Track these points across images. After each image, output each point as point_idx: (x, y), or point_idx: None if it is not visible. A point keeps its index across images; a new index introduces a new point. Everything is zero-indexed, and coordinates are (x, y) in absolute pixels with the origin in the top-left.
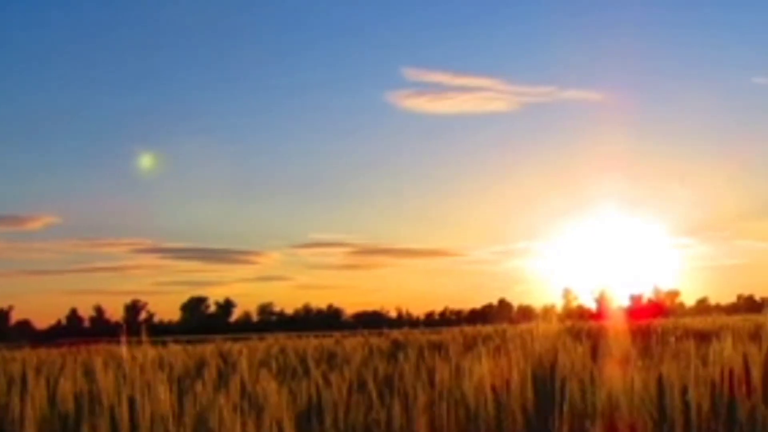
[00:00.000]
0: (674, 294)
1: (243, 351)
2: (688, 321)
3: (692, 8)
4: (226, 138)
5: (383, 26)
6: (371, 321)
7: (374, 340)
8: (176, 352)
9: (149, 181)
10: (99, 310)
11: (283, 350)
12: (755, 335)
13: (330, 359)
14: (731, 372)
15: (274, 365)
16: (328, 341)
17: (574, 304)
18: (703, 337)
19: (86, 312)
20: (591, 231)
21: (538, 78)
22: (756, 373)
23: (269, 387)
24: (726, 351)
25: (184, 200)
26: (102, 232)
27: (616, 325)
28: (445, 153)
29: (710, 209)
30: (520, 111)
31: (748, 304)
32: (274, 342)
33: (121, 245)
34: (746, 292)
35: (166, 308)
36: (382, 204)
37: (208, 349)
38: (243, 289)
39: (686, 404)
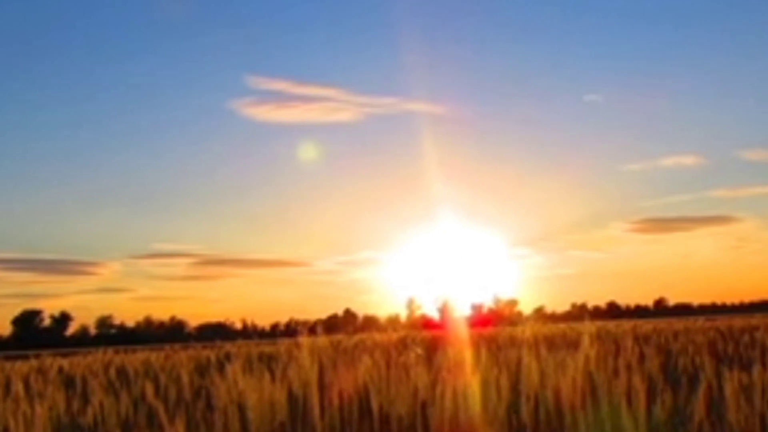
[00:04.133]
0: (513, 303)
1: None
2: (510, 330)
3: (529, 26)
4: (62, 143)
5: (225, 32)
6: (215, 333)
7: (206, 353)
8: None
9: None
10: None
11: (106, 366)
12: (552, 343)
13: (148, 374)
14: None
15: (87, 382)
16: (158, 355)
17: (418, 313)
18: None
19: None
20: (433, 241)
21: (381, 89)
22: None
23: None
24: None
25: (16, 207)
26: None
27: (445, 336)
28: (288, 162)
29: (545, 220)
30: (363, 121)
31: (581, 312)
32: (101, 356)
33: None
34: (579, 301)
35: None
36: (225, 213)
37: (26, 366)
38: (81, 301)
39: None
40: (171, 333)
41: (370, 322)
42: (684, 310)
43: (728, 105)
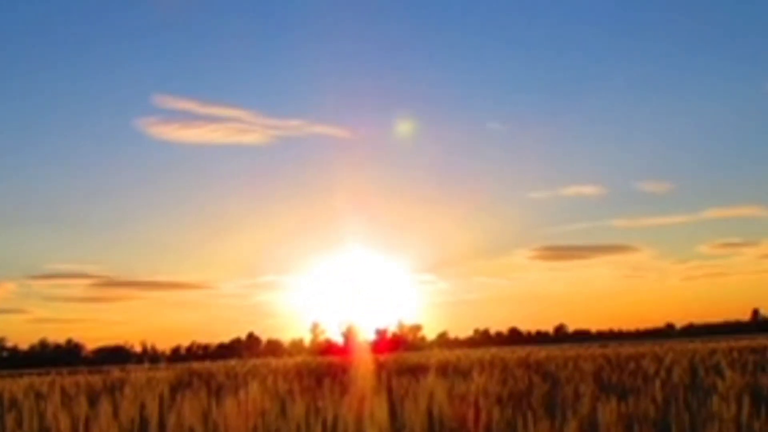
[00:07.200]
0: (417, 328)
1: None
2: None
3: (435, 54)
4: None
5: (132, 50)
6: (113, 356)
7: (93, 380)
8: None
9: None
10: None
11: None
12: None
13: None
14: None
15: None
16: (42, 381)
17: (322, 338)
18: (413, 372)
19: None
20: (339, 266)
21: (288, 111)
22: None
23: None
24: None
25: None
26: None
27: (344, 361)
28: (193, 183)
29: (449, 247)
30: (270, 143)
31: (484, 338)
32: None
33: None
34: (482, 327)
35: None
36: (127, 234)
37: None
38: None
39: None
40: (67, 356)
41: (273, 346)
42: (582, 336)
43: (628, 138)
